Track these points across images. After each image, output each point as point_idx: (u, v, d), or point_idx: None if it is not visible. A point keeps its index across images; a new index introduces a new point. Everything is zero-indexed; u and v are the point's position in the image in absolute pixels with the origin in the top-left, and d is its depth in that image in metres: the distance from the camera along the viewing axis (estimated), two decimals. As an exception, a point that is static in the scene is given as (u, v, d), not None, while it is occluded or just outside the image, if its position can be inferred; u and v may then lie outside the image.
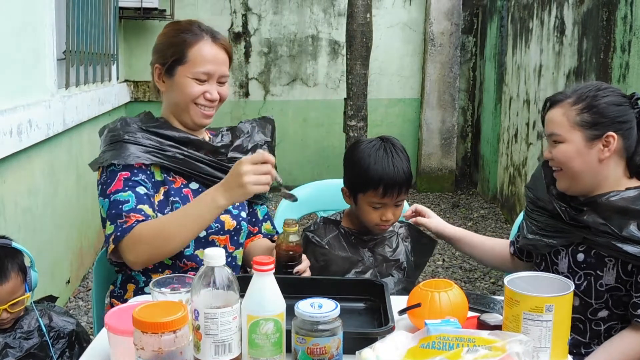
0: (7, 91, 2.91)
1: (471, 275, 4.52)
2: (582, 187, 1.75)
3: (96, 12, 4.58)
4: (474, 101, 7.24)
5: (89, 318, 3.62)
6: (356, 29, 5.12)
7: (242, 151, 1.94)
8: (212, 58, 1.83)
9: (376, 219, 1.89)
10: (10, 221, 2.91)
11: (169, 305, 1.15)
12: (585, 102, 1.70)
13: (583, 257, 1.74)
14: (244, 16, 6.89)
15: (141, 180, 1.78)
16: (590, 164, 1.71)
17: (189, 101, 1.84)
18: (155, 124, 1.87)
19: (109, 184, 1.77)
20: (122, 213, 1.71)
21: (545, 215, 1.83)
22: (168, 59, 1.84)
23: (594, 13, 3.88)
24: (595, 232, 1.70)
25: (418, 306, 1.42)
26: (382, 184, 1.85)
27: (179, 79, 1.84)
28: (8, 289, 1.83)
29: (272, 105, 7.01)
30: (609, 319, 1.73)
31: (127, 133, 1.81)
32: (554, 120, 1.74)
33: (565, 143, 1.72)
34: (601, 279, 1.71)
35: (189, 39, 1.83)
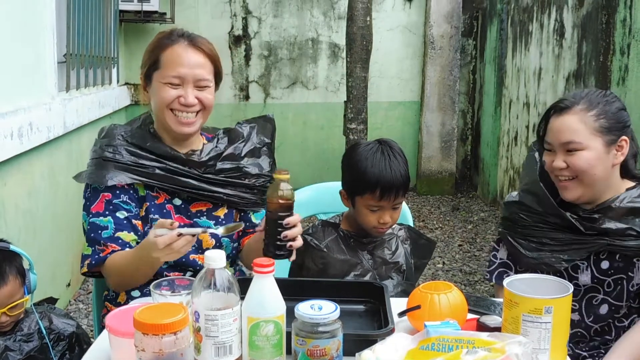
0: (8, 94, 2.91)
1: (471, 278, 4.52)
2: (592, 195, 1.74)
3: (97, 15, 4.59)
4: (474, 104, 7.25)
5: (89, 321, 3.62)
6: (356, 32, 5.13)
7: (234, 159, 1.89)
8: (185, 61, 1.76)
9: (374, 222, 1.89)
10: (10, 224, 2.91)
11: (169, 307, 1.16)
12: (598, 108, 1.69)
13: (608, 264, 1.74)
14: (244, 19, 6.90)
15: (122, 203, 1.78)
16: (607, 169, 1.71)
17: (164, 107, 1.78)
18: (141, 136, 1.84)
19: (92, 201, 1.79)
20: (100, 240, 1.75)
21: (550, 229, 1.79)
22: (147, 66, 1.82)
23: (594, 16, 3.89)
24: (619, 237, 1.71)
25: (418, 308, 1.42)
26: (379, 187, 1.85)
27: (154, 85, 1.80)
28: (6, 292, 1.83)
29: (272, 108, 7.01)
30: (629, 313, 1.77)
31: (108, 149, 1.80)
32: (571, 128, 1.69)
33: (586, 150, 1.68)
34: (632, 280, 1.73)
35: (165, 44, 1.79)
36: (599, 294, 1.75)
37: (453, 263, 4.83)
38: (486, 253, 4.99)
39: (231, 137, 1.94)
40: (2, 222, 2.82)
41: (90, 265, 1.75)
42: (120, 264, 1.72)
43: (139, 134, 1.85)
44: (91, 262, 1.75)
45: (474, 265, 4.75)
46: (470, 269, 4.68)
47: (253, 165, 1.92)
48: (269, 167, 1.96)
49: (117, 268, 1.72)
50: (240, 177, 1.88)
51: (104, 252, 1.74)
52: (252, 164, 1.92)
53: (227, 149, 1.90)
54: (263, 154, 1.96)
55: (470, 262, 4.85)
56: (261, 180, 1.92)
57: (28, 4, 3.21)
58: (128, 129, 1.86)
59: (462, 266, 4.75)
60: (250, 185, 1.90)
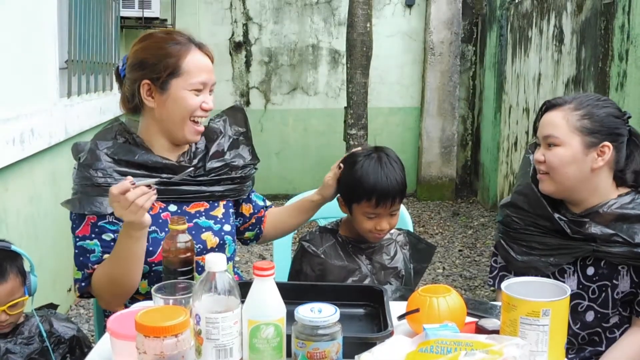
0: (10, 100, 2.93)
1: (471, 283, 4.53)
2: (569, 194, 1.75)
3: (98, 22, 4.61)
4: (474, 110, 7.27)
5: (90, 326, 3.63)
6: (356, 38, 5.15)
7: (219, 156, 1.90)
8: (205, 67, 1.79)
9: (371, 228, 1.90)
10: (12, 229, 2.92)
11: (170, 309, 1.17)
12: (586, 109, 1.70)
13: (594, 270, 1.73)
14: (245, 25, 6.93)
15: (108, 224, 1.74)
16: (583, 172, 1.70)
17: (187, 115, 1.78)
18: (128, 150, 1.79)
19: (78, 224, 1.76)
20: (88, 264, 1.73)
21: (539, 233, 1.79)
22: (161, 73, 1.75)
23: (592, 22, 3.91)
24: (605, 243, 1.69)
25: (417, 311, 1.43)
26: (375, 195, 1.85)
27: (175, 92, 1.76)
28: (6, 290, 1.84)
29: (272, 114, 7.03)
30: (620, 323, 1.75)
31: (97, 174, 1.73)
32: (553, 123, 1.72)
33: (562, 147, 1.70)
34: (617, 287, 1.71)
35: (179, 50, 1.77)
36: (584, 301, 1.74)
37: (453, 268, 4.84)
38: (486, 258, 5.00)
39: (208, 135, 1.93)
40: (3, 227, 2.84)
41: (80, 289, 1.74)
42: (104, 271, 1.69)
43: (124, 148, 1.80)
44: (81, 285, 1.74)
45: (474, 271, 4.76)
46: (470, 274, 4.69)
47: (237, 158, 1.95)
48: (249, 155, 1.99)
49: (104, 277, 1.69)
50: (229, 172, 1.91)
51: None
52: (235, 156, 1.94)
53: (211, 148, 1.90)
54: (241, 144, 1.98)
55: (470, 267, 4.86)
56: (247, 170, 1.96)
57: (30, 11, 3.23)
58: (109, 145, 1.79)
59: (462, 271, 4.76)
60: (239, 177, 1.94)
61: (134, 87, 1.79)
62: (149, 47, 1.79)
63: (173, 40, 1.79)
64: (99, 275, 1.71)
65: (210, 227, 1.86)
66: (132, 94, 1.81)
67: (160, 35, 1.83)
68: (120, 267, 1.66)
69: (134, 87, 1.79)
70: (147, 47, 1.80)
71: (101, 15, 4.72)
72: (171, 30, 1.85)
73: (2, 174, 2.82)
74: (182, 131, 1.80)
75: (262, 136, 6.98)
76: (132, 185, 1.52)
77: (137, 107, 1.83)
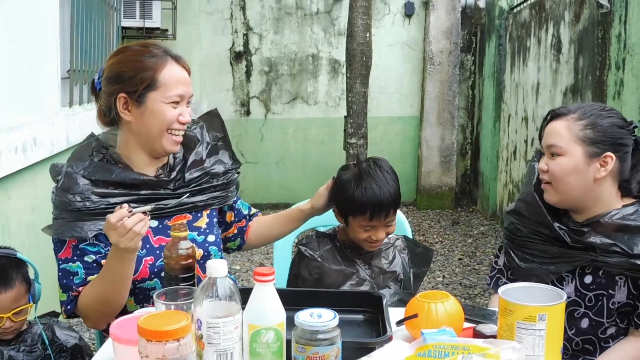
0: (12, 109, 2.96)
1: (471, 291, 4.54)
2: (572, 203, 1.75)
3: (99, 32, 4.64)
4: (473, 119, 7.30)
5: (91, 334, 3.64)
6: (356, 48, 5.18)
7: (198, 165, 1.88)
8: (182, 79, 1.77)
9: (367, 238, 1.92)
10: (14, 237, 2.94)
11: (172, 314, 1.19)
12: (589, 119, 1.70)
13: (591, 279, 1.72)
14: (245, 35, 6.97)
15: (89, 246, 1.74)
16: (585, 182, 1.70)
17: (164, 128, 1.76)
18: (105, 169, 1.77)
19: (60, 247, 1.76)
20: (72, 286, 1.73)
21: (540, 241, 1.80)
22: (138, 87, 1.72)
23: (590, 31, 3.94)
24: (604, 253, 1.69)
25: (415, 317, 1.45)
26: (369, 209, 1.87)
27: (152, 105, 1.74)
28: (12, 297, 1.87)
29: (273, 123, 7.06)
30: (617, 334, 1.73)
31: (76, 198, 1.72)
32: (556, 132, 1.72)
33: (565, 156, 1.70)
34: (613, 297, 1.70)
35: (156, 62, 1.74)
36: (580, 308, 1.74)
37: (453, 277, 4.85)
38: (486, 267, 5.01)
39: (186, 143, 1.90)
40: (5, 235, 2.85)
41: (67, 311, 1.74)
42: (92, 292, 1.69)
43: (100, 167, 1.78)
44: (67, 307, 1.74)
45: (474, 279, 4.77)
46: (470, 283, 4.70)
47: (217, 164, 1.92)
48: (230, 159, 1.96)
49: (92, 297, 1.69)
50: (210, 180, 1.89)
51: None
52: (215, 162, 1.92)
53: (189, 157, 1.88)
54: (220, 149, 1.96)
55: (470, 275, 4.87)
56: (229, 176, 1.93)
57: (32, 21, 3.27)
58: (85, 166, 1.77)
59: (462, 280, 4.77)
60: (221, 184, 1.91)
61: (110, 101, 1.76)
62: (125, 60, 1.77)
63: (149, 53, 1.76)
64: (87, 297, 1.70)
65: (194, 239, 1.83)
66: (109, 108, 1.78)
67: (136, 48, 1.80)
68: (110, 288, 1.66)
69: (110, 100, 1.76)
70: (123, 60, 1.77)
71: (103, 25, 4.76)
72: (147, 43, 1.82)
73: (5, 182, 2.84)
74: (159, 143, 1.78)
75: (262, 145, 7.02)
76: (129, 213, 1.52)
77: (113, 120, 1.80)
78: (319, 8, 6.98)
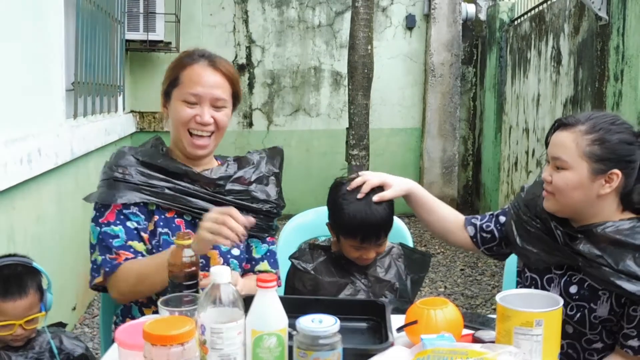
0: (18, 121, 2.99)
1: (473, 302, 4.55)
2: (573, 214, 1.73)
3: (103, 45, 4.69)
4: (475, 130, 7.33)
5: (94, 344, 3.66)
6: (357, 60, 5.22)
7: (243, 183, 1.91)
8: (203, 80, 1.80)
9: (357, 257, 1.93)
10: (19, 248, 2.96)
11: (177, 319, 1.21)
12: (598, 134, 1.64)
13: (576, 289, 1.70)
14: (248, 48, 7.02)
15: (132, 214, 1.80)
16: (589, 197, 1.66)
17: (180, 126, 1.82)
18: (152, 154, 1.87)
19: (103, 212, 1.81)
20: (112, 248, 1.75)
21: (539, 228, 1.78)
22: (166, 84, 1.86)
23: (589, 43, 3.98)
24: (589, 262, 1.65)
25: (415, 323, 1.47)
26: (360, 234, 1.87)
27: (173, 102, 1.84)
28: (26, 305, 1.89)
29: (275, 135, 7.10)
30: (602, 350, 1.70)
31: (118, 170, 1.82)
32: (563, 144, 1.67)
33: (569, 171, 1.65)
34: (595, 312, 1.66)
35: (185, 62, 1.84)
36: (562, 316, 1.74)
37: (455, 287, 4.86)
38: (488, 277, 5.02)
39: (241, 164, 1.96)
40: (11, 245, 2.88)
41: (106, 274, 1.74)
42: (136, 270, 1.71)
43: (150, 152, 1.89)
44: (106, 270, 1.74)
45: (476, 289, 4.78)
46: (472, 293, 4.71)
47: (261, 192, 1.92)
48: (276, 195, 1.96)
49: (134, 274, 1.71)
50: (248, 201, 1.89)
51: (117, 260, 1.75)
52: (259, 190, 1.92)
53: (238, 172, 1.92)
54: (271, 183, 1.97)
55: (472, 286, 4.88)
56: (268, 206, 1.92)
57: (38, 34, 3.31)
58: (138, 149, 1.90)
59: (464, 290, 4.78)
60: (257, 210, 1.90)
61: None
62: (172, 62, 1.91)
63: (189, 54, 1.87)
64: (128, 269, 1.72)
65: (219, 247, 1.82)
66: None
67: (187, 50, 1.92)
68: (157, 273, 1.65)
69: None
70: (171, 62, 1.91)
71: (107, 38, 4.81)
72: (199, 49, 1.90)
73: (10, 193, 2.86)
74: (181, 142, 1.85)
75: (264, 157, 7.04)
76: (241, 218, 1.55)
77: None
78: (321, 21, 7.04)
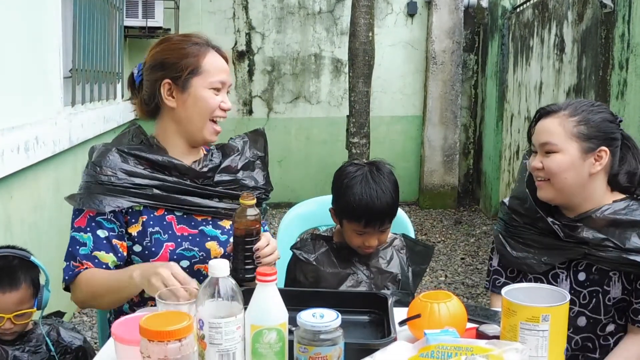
0: (15, 108, 2.96)
1: (473, 290, 4.53)
2: (566, 200, 1.76)
3: (102, 31, 4.65)
4: (476, 118, 7.29)
5: (93, 333, 3.64)
6: (358, 48, 5.17)
7: (231, 172, 1.88)
8: (223, 67, 1.84)
9: (360, 244, 1.91)
10: (16, 236, 2.94)
11: (174, 314, 1.18)
12: (581, 115, 1.72)
13: (585, 275, 1.74)
14: (248, 35, 6.97)
15: (105, 221, 1.75)
16: (581, 177, 1.72)
17: (207, 115, 1.80)
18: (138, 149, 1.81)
19: (77, 215, 1.78)
20: (77, 256, 1.74)
21: (534, 232, 1.81)
22: (182, 72, 1.77)
23: (593, 31, 3.93)
24: (596, 247, 1.70)
25: (418, 317, 1.44)
26: (364, 218, 1.85)
27: (196, 91, 1.78)
28: (15, 299, 1.85)
29: (275, 122, 7.06)
30: (616, 331, 1.74)
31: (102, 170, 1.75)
32: (549, 130, 1.73)
33: (560, 153, 1.71)
34: (609, 294, 1.71)
35: (199, 50, 1.81)
36: (574, 306, 1.74)
37: (455, 276, 4.84)
38: (488, 266, 5.01)
39: (225, 152, 1.94)
40: (8, 235, 2.85)
41: (64, 281, 1.75)
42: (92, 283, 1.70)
43: (135, 145, 1.83)
44: (65, 278, 1.75)
45: (476, 278, 4.76)
46: (472, 282, 4.69)
47: (249, 179, 1.91)
48: (263, 180, 1.95)
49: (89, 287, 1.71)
50: (237, 190, 1.87)
51: (78, 269, 1.73)
52: (247, 177, 1.91)
53: (223, 162, 1.89)
54: (257, 168, 1.96)
55: (472, 275, 4.86)
56: (257, 193, 1.89)
57: (35, 21, 3.27)
58: (123, 144, 1.83)
59: (465, 279, 4.76)
60: None
61: (154, 88, 1.80)
62: (169, 49, 1.82)
63: (191, 41, 1.83)
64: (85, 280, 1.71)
65: (217, 237, 1.83)
66: (151, 96, 1.82)
67: (178, 37, 1.88)
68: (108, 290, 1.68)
69: (154, 87, 1.80)
70: (167, 48, 1.82)
71: (105, 24, 4.76)
72: (189, 34, 1.88)
73: (7, 181, 2.84)
74: (201, 131, 1.82)
75: (264, 145, 7.00)
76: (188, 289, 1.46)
77: (155, 109, 1.84)
78: (322, 7, 6.98)
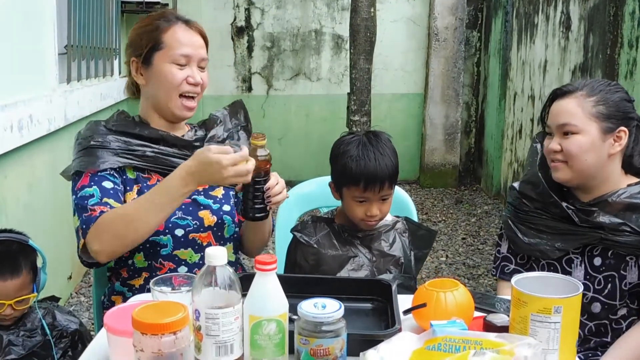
0: (8, 86, 2.89)
1: (475, 271, 4.49)
2: (584, 181, 1.73)
3: (98, 6, 4.55)
4: (478, 96, 7.21)
5: (90, 314, 3.61)
6: (360, 24, 5.09)
7: (218, 141, 1.89)
8: (188, 41, 1.79)
9: (361, 214, 1.86)
10: (11, 217, 2.89)
11: (169, 305, 1.12)
12: (600, 95, 1.68)
13: (601, 260, 1.72)
14: (247, 10, 6.86)
15: (108, 175, 1.74)
16: (601, 158, 1.68)
17: (172, 89, 1.78)
18: (125, 124, 1.82)
19: (77, 180, 1.75)
20: (87, 207, 1.67)
21: (546, 217, 1.78)
22: (143, 49, 1.78)
23: (601, 8, 3.84)
24: (612, 232, 1.68)
25: (423, 306, 1.39)
26: (363, 178, 1.81)
27: (157, 66, 1.78)
28: (17, 286, 1.85)
29: (275, 99, 6.98)
30: (628, 315, 1.73)
31: (94, 138, 1.76)
32: (568, 111, 1.69)
33: (580, 134, 1.67)
34: (625, 279, 1.69)
35: (161, 25, 1.79)
36: (588, 292, 1.72)
37: (456, 256, 4.80)
38: (490, 246, 4.96)
39: (208, 124, 1.95)
40: (2, 215, 2.80)
41: (84, 233, 1.64)
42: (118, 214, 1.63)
43: (122, 122, 1.83)
44: (83, 228, 1.65)
45: (478, 259, 4.73)
46: (473, 263, 4.66)
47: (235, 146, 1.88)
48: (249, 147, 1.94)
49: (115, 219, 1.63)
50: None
51: (92, 215, 1.65)
52: (234, 145, 1.87)
53: (209, 133, 1.91)
54: (241, 137, 1.97)
55: (473, 255, 4.82)
56: None
57: (28, -6, 3.18)
58: (109, 121, 1.83)
59: (466, 259, 4.73)
60: None
61: (129, 69, 1.84)
62: (138, 27, 1.85)
63: (160, 17, 1.82)
64: (109, 217, 1.63)
65: (209, 206, 1.84)
66: (130, 76, 1.85)
67: (151, 15, 1.87)
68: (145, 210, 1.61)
69: (129, 68, 1.84)
70: (136, 27, 1.85)
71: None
72: (165, 11, 1.89)
73: (1, 161, 2.78)
74: (169, 106, 1.81)
75: (264, 122, 6.93)
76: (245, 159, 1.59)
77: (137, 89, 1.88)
78: (322, -18, 6.87)
